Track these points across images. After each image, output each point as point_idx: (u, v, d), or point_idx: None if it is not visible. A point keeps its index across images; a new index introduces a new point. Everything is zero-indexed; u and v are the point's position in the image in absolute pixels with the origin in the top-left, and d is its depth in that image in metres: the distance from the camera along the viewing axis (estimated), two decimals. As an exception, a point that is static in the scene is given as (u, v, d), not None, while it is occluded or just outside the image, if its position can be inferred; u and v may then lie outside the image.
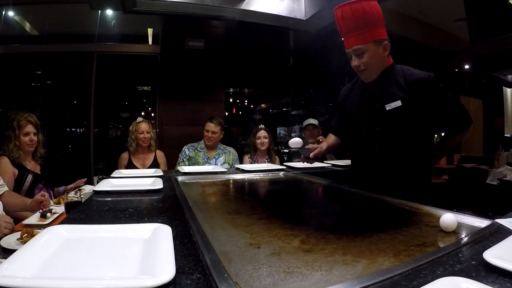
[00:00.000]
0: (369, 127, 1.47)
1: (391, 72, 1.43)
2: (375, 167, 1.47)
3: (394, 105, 1.37)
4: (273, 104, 6.32)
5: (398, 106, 1.37)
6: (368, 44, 1.35)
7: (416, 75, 1.38)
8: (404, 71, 1.41)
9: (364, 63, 1.39)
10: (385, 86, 1.42)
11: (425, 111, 1.37)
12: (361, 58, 1.38)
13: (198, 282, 0.53)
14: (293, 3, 3.19)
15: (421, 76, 1.37)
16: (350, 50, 1.40)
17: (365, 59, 1.38)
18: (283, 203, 1.36)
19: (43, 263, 0.58)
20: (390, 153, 1.42)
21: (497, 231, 0.75)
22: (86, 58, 4.21)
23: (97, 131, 4.48)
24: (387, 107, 1.39)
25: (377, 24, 1.36)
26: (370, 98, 1.46)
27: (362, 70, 1.42)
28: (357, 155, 1.60)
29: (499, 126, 7.09)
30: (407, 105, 1.36)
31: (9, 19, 4.16)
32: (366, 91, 1.50)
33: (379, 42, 1.37)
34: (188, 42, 4.25)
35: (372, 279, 0.53)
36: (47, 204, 1.62)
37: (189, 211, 0.98)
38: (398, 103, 1.37)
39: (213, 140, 2.84)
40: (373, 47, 1.36)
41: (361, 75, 1.47)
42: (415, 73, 1.39)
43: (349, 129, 1.61)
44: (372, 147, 1.46)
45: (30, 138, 2.07)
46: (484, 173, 3.58)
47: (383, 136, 1.43)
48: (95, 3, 3.24)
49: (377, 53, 1.38)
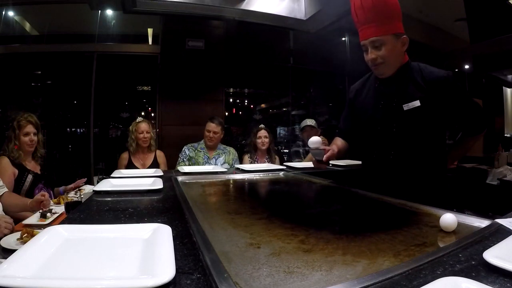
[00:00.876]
0: (384, 128, 1.38)
1: (408, 70, 1.36)
2: (390, 170, 1.39)
3: (412, 105, 1.30)
4: (273, 104, 6.32)
5: (416, 106, 1.30)
6: (387, 36, 1.27)
7: (435, 73, 1.31)
8: (421, 69, 1.34)
9: (381, 56, 1.30)
10: (402, 84, 1.35)
11: (444, 112, 1.31)
12: (379, 51, 1.30)
13: (198, 282, 0.53)
14: (293, 3, 3.18)
15: (440, 75, 1.30)
16: (367, 42, 1.31)
17: (383, 52, 1.29)
18: (283, 203, 1.36)
19: (43, 263, 0.58)
20: (407, 155, 1.35)
21: (497, 231, 0.75)
22: (86, 58, 4.20)
23: (97, 131, 4.48)
24: (405, 107, 1.32)
25: (396, 16, 1.29)
26: (386, 96, 1.38)
27: (379, 63, 1.33)
28: (370, 157, 1.51)
29: (499, 126, 7.08)
30: (426, 106, 1.29)
31: (9, 19, 4.16)
32: (381, 89, 1.41)
33: (399, 36, 1.30)
34: (188, 42, 4.25)
35: (372, 279, 0.53)
36: (47, 204, 1.62)
37: (189, 211, 0.98)
38: (417, 103, 1.30)
39: (215, 140, 2.84)
40: (392, 40, 1.28)
41: (377, 69, 1.37)
42: (433, 71, 1.32)
43: (361, 129, 1.51)
44: (388, 149, 1.38)
45: (30, 138, 2.07)
46: (484, 173, 3.59)
47: (400, 137, 1.35)
48: (95, 3, 3.24)
49: (395, 47, 1.30)
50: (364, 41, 1.33)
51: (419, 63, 1.38)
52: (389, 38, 1.28)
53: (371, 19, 1.28)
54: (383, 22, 1.26)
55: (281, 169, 2.15)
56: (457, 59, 6.08)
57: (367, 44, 1.31)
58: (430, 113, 1.30)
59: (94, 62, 4.18)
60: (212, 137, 2.82)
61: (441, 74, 1.31)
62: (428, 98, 1.29)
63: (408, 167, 1.35)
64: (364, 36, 1.32)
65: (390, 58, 1.31)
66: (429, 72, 1.33)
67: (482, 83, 6.94)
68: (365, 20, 1.29)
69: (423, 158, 1.34)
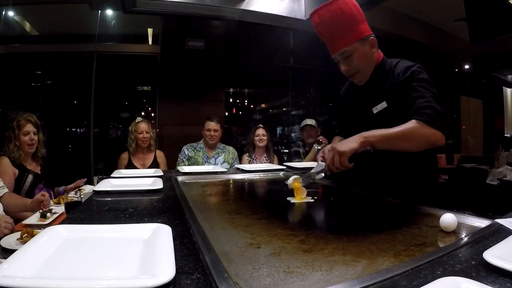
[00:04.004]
0: None
1: (382, 70, 1.32)
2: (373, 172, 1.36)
3: (380, 107, 1.28)
4: (273, 104, 6.33)
5: (384, 108, 1.27)
6: (353, 45, 1.24)
7: (400, 67, 1.26)
8: (393, 66, 1.30)
9: (354, 66, 1.28)
10: (374, 87, 1.32)
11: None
12: (351, 61, 1.28)
13: (198, 282, 0.53)
14: (293, 3, 3.18)
15: (405, 66, 1.25)
16: (337, 55, 1.29)
17: (354, 61, 1.27)
18: (283, 203, 1.36)
19: (43, 263, 0.58)
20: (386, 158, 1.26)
21: (497, 231, 0.75)
22: (86, 58, 4.21)
23: (97, 131, 4.48)
24: (374, 110, 1.30)
25: (358, 21, 1.24)
26: (361, 101, 1.38)
27: (353, 73, 1.32)
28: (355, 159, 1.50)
29: (499, 126, 7.09)
30: (392, 105, 1.25)
31: (9, 19, 4.16)
32: (357, 94, 1.41)
33: (365, 40, 1.26)
34: (188, 42, 4.25)
35: (372, 279, 0.53)
36: (47, 204, 1.62)
37: (189, 211, 0.98)
38: (384, 104, 1.27)
39: (216, 138, 2.85)
40: (360, 47, 1.25)
41: (354, 79, 1.36)
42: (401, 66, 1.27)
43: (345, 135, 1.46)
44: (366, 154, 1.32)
45: (30, 137, 2.06)
46: (484, 173, 3.59)
47: None
48: (95, 3, 3.24)
49: (365, 52, 1.27)
50: (334, 55, 1.30)
51: (393, 59, 1.34)
52: (356, 46, 1.25)
53: (333, 32, 1.25)
54: (345, 31, 1.23)
55: (281, 169, 2.15)
56: (457, 59, 6.08)
57: (337, 57, 1.30)
58: (397, 112, 1.23)
59: (94, 62, 4.19)
60: (213, 136, 2.83)
61: (405, 65, 1.25)
62: (395, 96, 1.25)
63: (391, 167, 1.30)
64: (332, 50, 1.30)
65: (362, 66, 1.30)
66: (398, 67, 1.28)
67: (482, 83, 6.95)
68: (329, 34, 1.27)
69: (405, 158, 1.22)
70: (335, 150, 1.11)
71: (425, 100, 1.16)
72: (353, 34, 1.24)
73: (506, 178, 3.27)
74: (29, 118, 2.09)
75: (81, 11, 4.05)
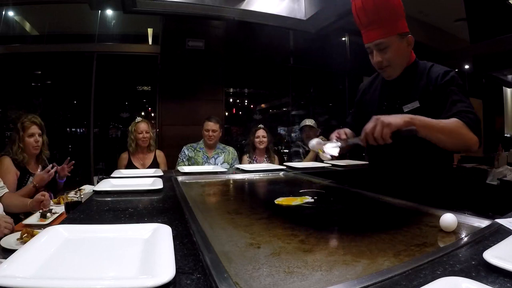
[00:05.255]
0: None
1: (414, 70, 1.32)
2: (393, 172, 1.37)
3: (412, 106, 1.26)
4: (273, 104, 6.32)
5: (416, 107, 1.25)
6: (392, 37, 1.22)
7: (437, 71, 1.26)
8: (428, 68, 1.29)
9: (387, 59, 1.25)
10: (406, 85, 1.31)
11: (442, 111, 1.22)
12: (384, 54, 1.25)
13: (198, 282, 0.53)
14: (293, 3, 3.18)
15: (442, 71, 1.24)
16: (372, 45, 1.25)
17: (388, 54, 1.24)
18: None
19: (43, 263, 0.58)
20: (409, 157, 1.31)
21: (497, 231, 0.75)
22: (86, 58, 4.21)
23: (97, 131, 4.48)
24: (405, 109, 1.27)
25: (400, 15, 1.23)
26: (389, 97, 1.36)
27: (385, 66, 1.28)
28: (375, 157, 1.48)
29: (499, 126, 7.09)
30: (425, 106, 1.24)
31: (9, 19, 4.16)
32: (385, 90, 1.39)
33: (403, 36, 1.24)
34: (188, 42, 4.25)
35: (372, 279, 0.53)
36: (47, 204, 1.62)
37: (189, 211, 0.98)
38: (416, 103, 1.26)
39: (214, 138, 2.85)
40: (397, 41, 1.23)
41: (384, 72, 1.32)
42: (437, 70, 1.27)
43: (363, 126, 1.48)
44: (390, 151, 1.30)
45: (35, 139, 2.05)
46: (484, 173, 3.58)
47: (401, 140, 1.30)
48: (95, 3, 3.24)
49: (401, 48, 1.25)
50: (368, 44, 1.27)
51: (427, 62, 1.34)
52: (394, 39, 1.23)
53: (373, 21, 1.22)
54: (386, 23, 1.21)
55: (281, 169, 2.15)
56: (457, 59, 6.08)
57: (372, 47, 1.27)
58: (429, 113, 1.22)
59: (94, 62, 4.19)
60: (211, 136, 2.83)
61: (444, 69, 1.26)
62: (429, 98, 1.25)
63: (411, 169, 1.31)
64: (368, 39, 1.26)
65: (396, 60, 1.27)
66: (434, 71, 1.27)
67: (482, 83, 6.95)
68: (368, 22, 1.24)
69: (426, 160, 1.29)
70: (380, 120, 1.06)
71: (466, 105, 1.18)
72: (393, 27, 1.22)
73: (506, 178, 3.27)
74: (34, 120, 2.07)
75: (81, 11, 4.05)
